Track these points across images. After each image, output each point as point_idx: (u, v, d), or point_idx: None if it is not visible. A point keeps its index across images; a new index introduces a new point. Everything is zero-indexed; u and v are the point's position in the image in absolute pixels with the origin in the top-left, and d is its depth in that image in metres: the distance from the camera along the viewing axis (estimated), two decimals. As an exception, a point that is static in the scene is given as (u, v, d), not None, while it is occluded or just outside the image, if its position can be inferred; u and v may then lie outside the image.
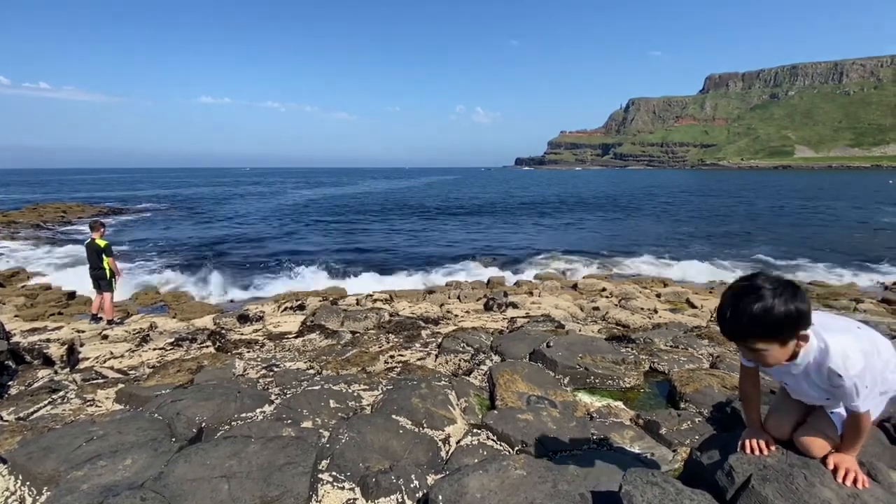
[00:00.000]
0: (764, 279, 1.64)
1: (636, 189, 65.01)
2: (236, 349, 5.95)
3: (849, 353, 1.69)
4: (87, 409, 4.08)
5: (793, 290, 1.62)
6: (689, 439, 3.13)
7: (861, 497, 1.67)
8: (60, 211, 28.46)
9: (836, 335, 1.72)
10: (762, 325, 1.60)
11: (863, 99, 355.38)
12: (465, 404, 3.81)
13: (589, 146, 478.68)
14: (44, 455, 2.75)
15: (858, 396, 1.69)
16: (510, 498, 2.13)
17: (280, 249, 18.62)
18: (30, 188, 65.25)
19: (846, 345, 1.69)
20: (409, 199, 46.56)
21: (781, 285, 1.62)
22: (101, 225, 8.02)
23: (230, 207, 37.43)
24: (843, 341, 1.70)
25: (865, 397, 1.69)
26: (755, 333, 1.63)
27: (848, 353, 1.69)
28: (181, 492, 2.34)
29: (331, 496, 2.55)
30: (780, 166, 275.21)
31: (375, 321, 6.99)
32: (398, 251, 18.27)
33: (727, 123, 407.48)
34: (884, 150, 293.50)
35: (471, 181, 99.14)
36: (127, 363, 5.59)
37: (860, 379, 1.66)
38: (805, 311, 1.62)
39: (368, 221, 28.05)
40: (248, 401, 3.71)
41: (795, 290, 1.63)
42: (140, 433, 3.06)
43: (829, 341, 1.70)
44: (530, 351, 4.94)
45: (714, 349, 5.27)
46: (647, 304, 8.58)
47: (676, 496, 1.81)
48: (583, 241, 20.27)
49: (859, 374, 1.66)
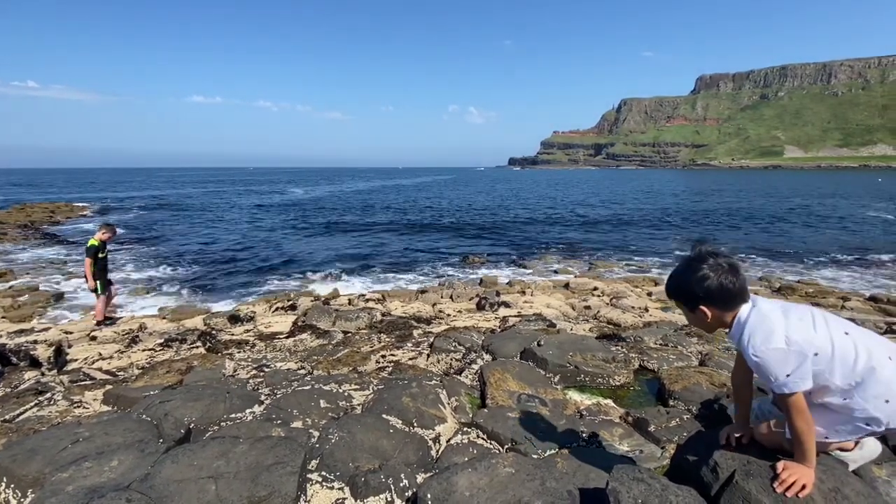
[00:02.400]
0: (700, 252, 1.81)
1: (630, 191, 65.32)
2: (227, 350, 5.91)
3: (758, 331, 1.66)
4: (74, 411, 4.03)
5: (712, 269, 1.75)
6: (678, 436, 3.15)
7: (842, 491, 1.69)
8: (48, 211, 28.12)
9: (762, 314, 1.70)
10: (672, 286, 1.90)
11: (851, 100, 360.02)
12: (456, 403, 3.81)
13: (582, 146, 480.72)
14: (29, 457, 2.72)
15: (771, 378, 1.64)
16: (498, 496, 2.14)
17: (273, 249, 18.52)
18: (17, 188, 64.43)
19: (762, 325, 1.67)
20: (403, 199, 46.51)
21: (705, 259, 1.77)
22: (107, 227, 7.89)
23: (222, 207, 37.17)
24: (763, 321, 1.67)
25: (785, 381, 1.61)
26: (668, 291, 1.93)
27: (756, 331, 1.67)
28: (168, 493, 2.32)
29: (320, 496, 2.54)
30: (771, 166, 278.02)
31: (367, 321, 6.98)
32: (391, 251, 18.24)
33: (718, 124, 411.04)
34: (871, 150, 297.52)
35: (464, 183, 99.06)
36: (115, 364, 5.54)
37: (762, 358, 1.63)
38: (711, 288, 1.74)
39: (361, 221, 27.98)
40: (238, 401, 3.68)
41: (716, 269, 1.75)
42: (127, 434, 3.04)
43: (749, 318, 1.71)
44: (521, 350, 4.96)
45: (703, 347, 5.31)
46: (639, 303, 8.63)
47: (662, 492, 1.83)
48: (576, 242, 20.35)
49: (761, 353, 1.63)
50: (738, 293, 1.76)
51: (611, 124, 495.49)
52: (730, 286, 1.74)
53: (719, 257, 1.78)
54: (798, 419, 1.66)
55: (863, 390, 1.65)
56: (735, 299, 1.76)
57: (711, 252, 1.80)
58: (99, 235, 7.71)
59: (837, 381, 1.66)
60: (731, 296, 1.75)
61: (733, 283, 1.74)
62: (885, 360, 1.66)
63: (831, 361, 1.65)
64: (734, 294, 1.75)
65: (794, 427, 1.68)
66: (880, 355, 1.67)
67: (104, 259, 7.83)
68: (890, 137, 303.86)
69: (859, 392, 1.65)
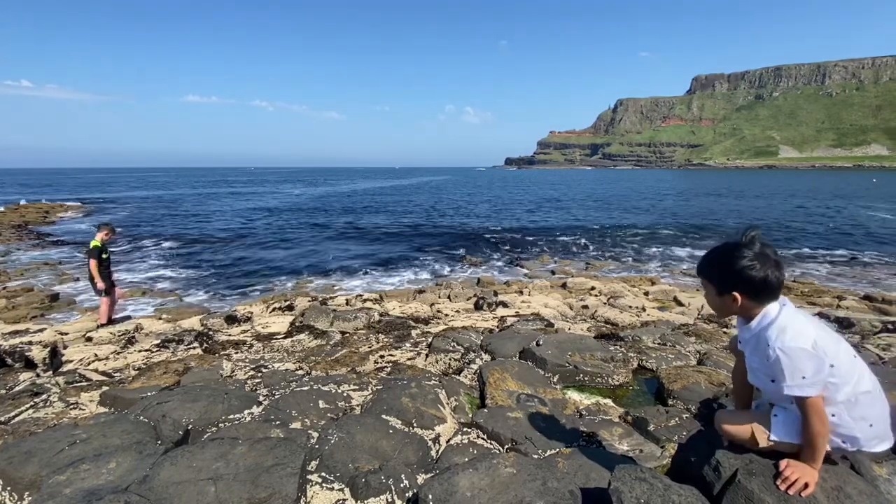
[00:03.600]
0: (751, 238, 1.75)
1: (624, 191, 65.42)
2: (224, 350, 5.88)
3: (789, 328, 1.66)
4: (71, 413, 4.00)
5: (760, 259, 1.71)
6: (677, 435, 3.16)
7: (844, 490, 1.69)
8: (43, 211, 27.95)
9: (794, 315, 1.71)
10: (706, 265, 1.86)
11: (845, 100, 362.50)
12: (456, 403, 3.81)
13: (578, 146, 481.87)
14: (25, 459, 2.70)
15: (786, 377, 1.63)
16: (500, 496, 2.13)
17: (269, 250, 18.47)
18: (11, 188, 63.97)
19: (794, 324, 1.67)
20: (399, 200, 46.46)
21: (754, 247, 1.72)
22: (108, 228, 7.84)
23: (218, 207, 37.02)
24: (795, 321, 1.68)
25: (800, 384, 1.62)
26: (701, 268, 1.88)
27: (787, 328, 1.66)
28: (167, 495, 2.30)
29: (320, 497, 2.53)
30: (766, 166, 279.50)
31: (365, 321, 6.96)
32: (388, 252, 18.21)
33: (713, 124, 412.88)
34: (865, 150, 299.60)
35: (461, 183, 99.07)
36: (112, 365, 5.50)
37: (787, 355, 1.62)
38: (754, 278, 1.70)
39: (358, 222, 27.93)
40: (236, 402, 3.66)
41: (764, 260, 1.71)
42: (125, 436, 3.01)
43: (780, 314, 1.71)
44: (520, 349, 4.96)
45: (701, 346, 5.33)
46: (636, 303, 8.65)
47: (664, 492, 1.83)
48: (572, 241, 20.38)
49: (788, 349, 1.62)
50: (776, 289, 1.74)
51: (607, 124, 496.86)
52: (773, 280, 1.71)
53: (768, 248, 1.74)
54: (816, 421, 1.66)
55: (854, 410, 1.69)
56: (771, 295, 1.74)
57: (762, 242, 1.75)
58: (100, 236, 7.65)
59: (840, 396, 1.67)
60: (769, 290, 1.73)
61: (777, 278, 1.72)
62: (878, 389, 1.73)
63: (842, 377, 1.66)
64: (772, 289, 1.73)
65: (810, 428, 1.68)
66: (875, 383, 1.73)
67: (107, 260, 7.80)
68: (884, 138, 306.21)
69: (850, 411, 1.69)
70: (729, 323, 7.30)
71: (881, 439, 1.73)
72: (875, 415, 1.71)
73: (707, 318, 7.60)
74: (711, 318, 7.58)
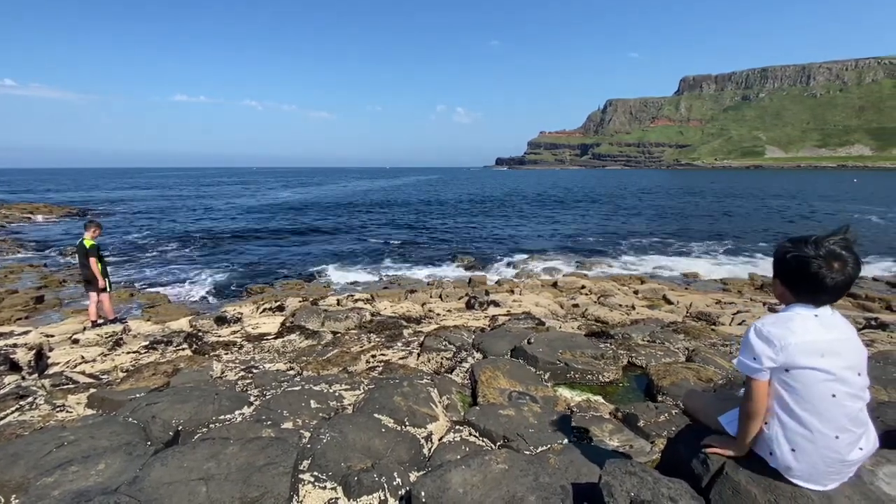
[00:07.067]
0: (839, 236, 1.65)
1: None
2: (214, 351, 5.84)
3: (782, 318, 1.69)
4: (58, 415, 3.94)
5: (827, 257, 1.61)
6: (666, 431, 3.20)
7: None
8: (27, 211, 27.46)
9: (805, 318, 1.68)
10: (780, 248, 1.76)
11: (829, 101, 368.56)
12: (448, 401, 3.82)
13: (568, 146, 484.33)
14: (12, 462, 2.66)
15: (742, 350, 1.71)
16: (492, 492, 2.15)
17: (259, 250, 18.33)
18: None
19: (792, 320, 1.67)
20: (390, 199, 46.35)
21: (814, 243, 1.65)
22: (95, 225, 7.79)
23: (206, 208, 36.65)
24: (796, 320, 1.67)
25: (747, 361, 1.68)
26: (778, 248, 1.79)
27: (781, 317, 1.70)
28: (157, 496, 2.28)
29: (312, 496, 2.52)
30: (752, 166, 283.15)
31: (356, 321, 6.95)
32: (378, 252, 18.17)
33: (701, 124, 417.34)
34: (849, 150, 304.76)
35: (452, 183, 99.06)
36: (99, 367, 5.43)
37: (754, 332, 1.68)
38: (785, 267, 1.71)
39: (349, 221, 27.83)
40: (227, 402, 3.64)
41: (827, 260, 1.61)
42: (114, 437, 2.98)
43: (794, 309, 1.71)
44: (511, 348, 4.98)
45: (690, 343, 5.40)
46: (625, 301, 8.73)
47: (654, 485, 1.86)
48: (563, 241, 20.49)
49: (757, 328, 1.68)
50: (818, 293, 1.64)
51: (596, 125, 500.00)
52: (824, 282, 1.61)
53: (848, 252, 1.62)
54: (750, 403, 1.71)
55: (787, 431, 1.67)
56: (809, 294, 1.67)
57: (844, 244, 1.63)
58: (90, 234, 7.58)
59: (798, 410, 1.64)
60: (811, 290, 1.65)
61: (833, 280, 1.60)
62: (830, 433, 1.62)
63: (799, 391, 1.64)
64: (816, 290, 1.64)
65: (743, 406, 1.76)
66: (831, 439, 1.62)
67: (103, 257, 7.83)
68: (867, 138, 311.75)
69: (784, 429, 1.67)
70: (717, 320, 7.39)
71: (806, 480, 1.67)
72: (807, 452, 1.63)
73: (695, 316, 7.69)
74: (699, 316, 7.67)
